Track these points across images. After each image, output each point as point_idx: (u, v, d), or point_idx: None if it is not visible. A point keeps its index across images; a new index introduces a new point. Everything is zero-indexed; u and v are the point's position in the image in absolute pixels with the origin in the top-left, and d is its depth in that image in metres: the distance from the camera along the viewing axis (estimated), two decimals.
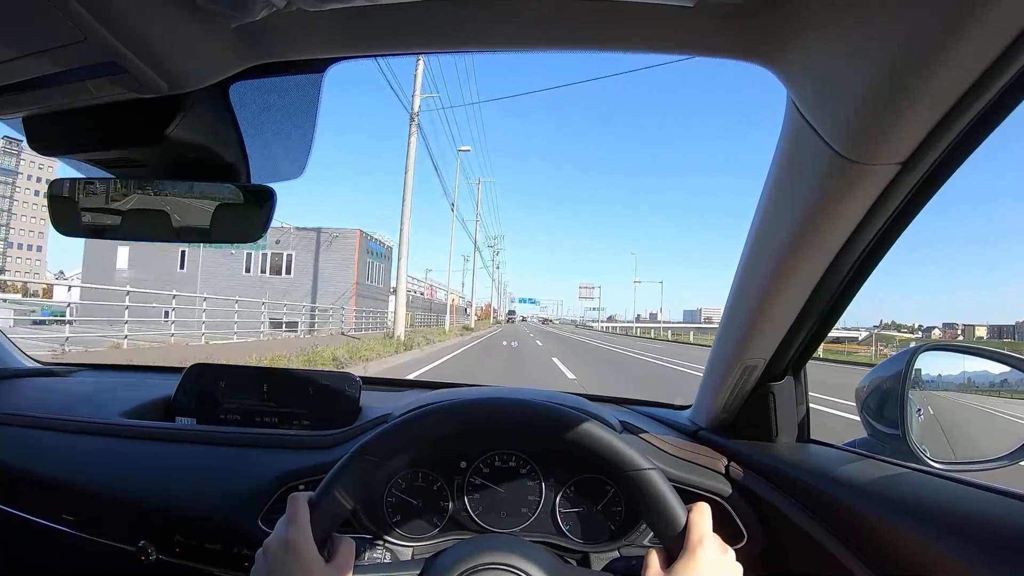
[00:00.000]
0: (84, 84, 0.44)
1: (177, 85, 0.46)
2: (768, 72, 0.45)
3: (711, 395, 0.81)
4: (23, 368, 1.12)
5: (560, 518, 0.76)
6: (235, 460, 0.81)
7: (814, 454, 0.73)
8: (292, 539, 0.51)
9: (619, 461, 0.56)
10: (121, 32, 0.39)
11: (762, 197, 0.58)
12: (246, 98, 0.54)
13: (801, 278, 0.60)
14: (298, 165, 0.62)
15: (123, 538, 0.79)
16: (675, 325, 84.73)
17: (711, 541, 0.51)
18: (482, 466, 0.77)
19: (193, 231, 0.60)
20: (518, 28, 0.43)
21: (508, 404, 0.63)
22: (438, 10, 0.42)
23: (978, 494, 0.53)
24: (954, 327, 78.47)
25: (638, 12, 0.40)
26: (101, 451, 0.85)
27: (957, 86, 0.37)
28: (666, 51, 0.44)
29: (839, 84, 0.41)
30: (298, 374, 0.99)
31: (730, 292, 0.70)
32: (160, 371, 1.26)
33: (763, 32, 0.41)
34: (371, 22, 0.44)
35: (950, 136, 0.41)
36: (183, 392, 0.97)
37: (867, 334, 33.34)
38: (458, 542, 0.63)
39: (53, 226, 0.62)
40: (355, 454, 0.56)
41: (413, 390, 1.17)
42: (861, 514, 0.58)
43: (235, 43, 0.44)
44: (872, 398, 0.73)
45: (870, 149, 0.44)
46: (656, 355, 16.32)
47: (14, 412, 0.91)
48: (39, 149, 0.54)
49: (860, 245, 0.55)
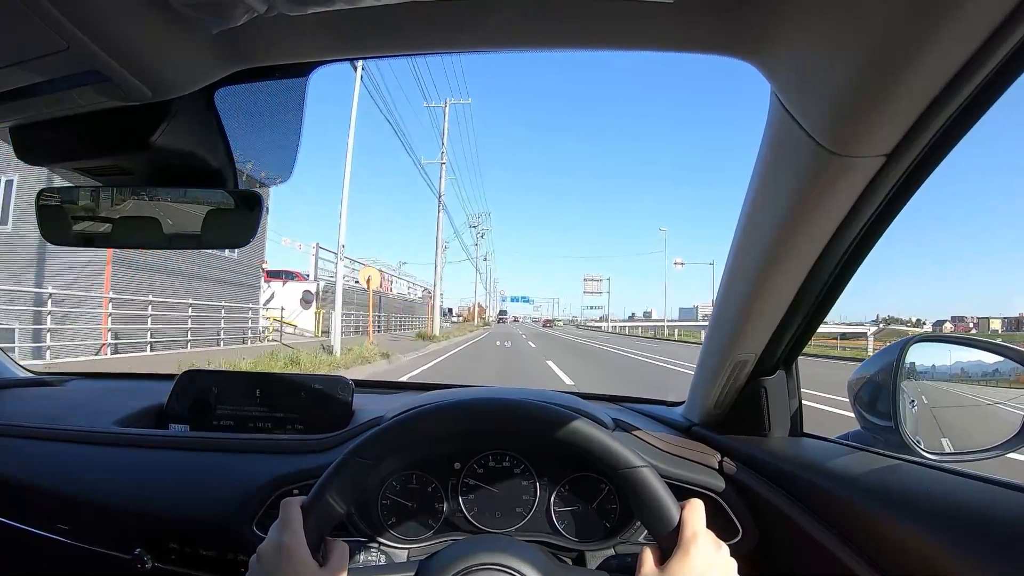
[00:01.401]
0: (68, 93, 0.45)
1: (161, 92, 0.46)
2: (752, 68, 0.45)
3: (703, 391, 0.81)
4: (15, 378, 1.12)
5: (555, 517, 0.76)
6: (229, 466, 0.81)
7: (807, 448, 0.73)
8: (285, 544, 0.51)
9: (612, 459, 0.56)
10: (103, 40, 0.39)
11: (748, 192, 0.59)
12: (231, 103, 0.54)
13: (790, 272, 0.60)
14: (285, 169, 0.62)
15: (118, 546, 0.79)
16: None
17: (705, 537, 0.51)
18: (476, 466, 0.77)
19: (183, 237, 0.60)
20: (499, 28, 0.43)
21: (500, 404, 0.63)
22: (417, 11, 0.42)
23: (972, 484, 0.53)
24: (964, 320, 77.12)
25: (619, 9, 0.40)
26: (95, 460, 0.85)
27: (940, 76, 0.37)
28: (648, 47, 0.44)
29: (822, 77, 0.41)
30: (290, 379, 0.99)
31: (719, 287, 0.70)
32: (152, 378, 1.26)
33: (744, 26, 0.41)
34: (353, 25, 0.44)
35: (935, 127, 0.42)
36: (176, 399, 0.98)
37: (876, 329, 32.79)
38: (453, 543, 0.63)
39: (42, 234, 0.62)
40: (347, 457, 0.56)
41: (406, 392, 1.17)
42: (855, 506, 0.58)
43: (218, 49, 0.44)
44: (864, 390, 0.73)
45: (854, 141, 0.44)
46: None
47: (7, 422, 0.91)
48: (27, 159, 0.54)
49: (848, 237, 0.55)
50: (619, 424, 0.84)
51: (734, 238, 0.64)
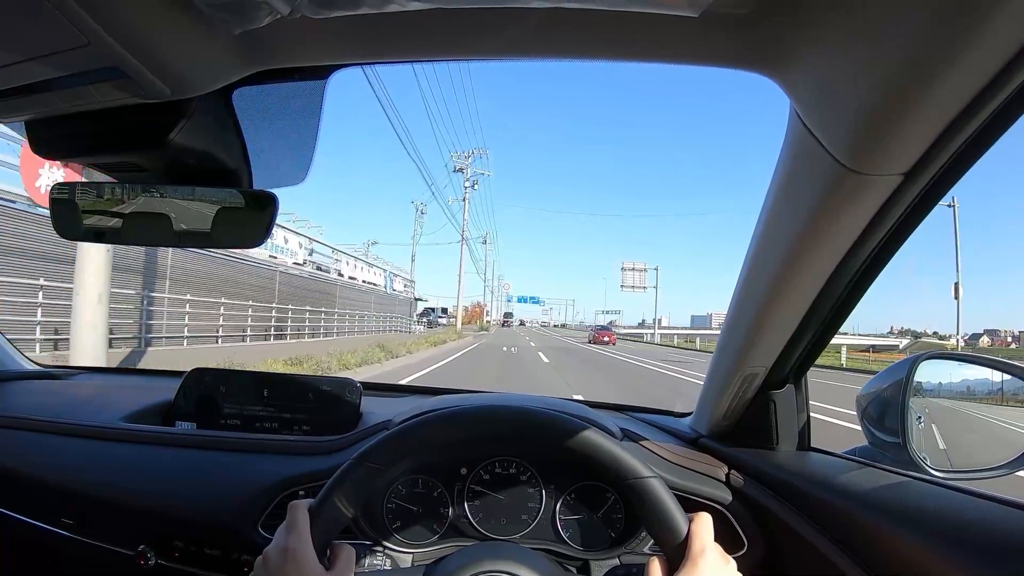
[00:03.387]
0: (87, 89, 0.44)
1: (180, 90, 0.46)
2: (771, 82, 0.45)
3: (712, 403, 0.80)
4: (22, 371, 1.12)
5: (560, 525, 0.76)
6: (235, 465, 0.81)
7: (815, 462, 0.73)
8: (292, 547, 0.50)
9: (620, 469, 0.55)
10: (125, 37, 0.39)
11: (765, 206, 0.58)
12: (249, 104, 0.54)
13: (803, 287, 0.60)
14: (300, 171, 0.62)
15: (122, 542, 0.79)
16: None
17: (713, 551, 0.51)
18: (482, 473, 0.77)
19: (194, 235, 0.60)
20: (522, 36, 0.43)
21: (509, 411, 0.62)
22: (441, 18, 0.42)
23: (979, 503, 0.53)
24: (999, 334, 73.25)
25: (643, 21, 0.40)
26: (101, 455, 0.85)
27: (961, 97, 0.37)
28: (670, 60, 0.44)
29: (842, 94, 0.41)
30: (298, 380, 0.99)
31: (732, 300, 0.70)
32: (160, 375, 1.26)
33: (767, 42, 0.41)
34: (375, 29, 0.44)
35: (954, 146, 0.41)
36: (183, 396, 0.97)
37: (907, 342, 31.72)
38: (459, 549, 0.63)
39: (55, 228, 0.62)
40: (355, 462, 0.56)
41: (414, 396, 1.16)
42: (862, 522, 0.58)
43: (239, 49, 0.44)
44: (873, 406, 0.73)
45: (873, 159, 0.44)
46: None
47: (13, 415, 0.91)
48: (42, 153, 0.54)
49: (862, 254, 0.55)
50: (627, 434, 0.84)
51: (748, 251, 0.64)
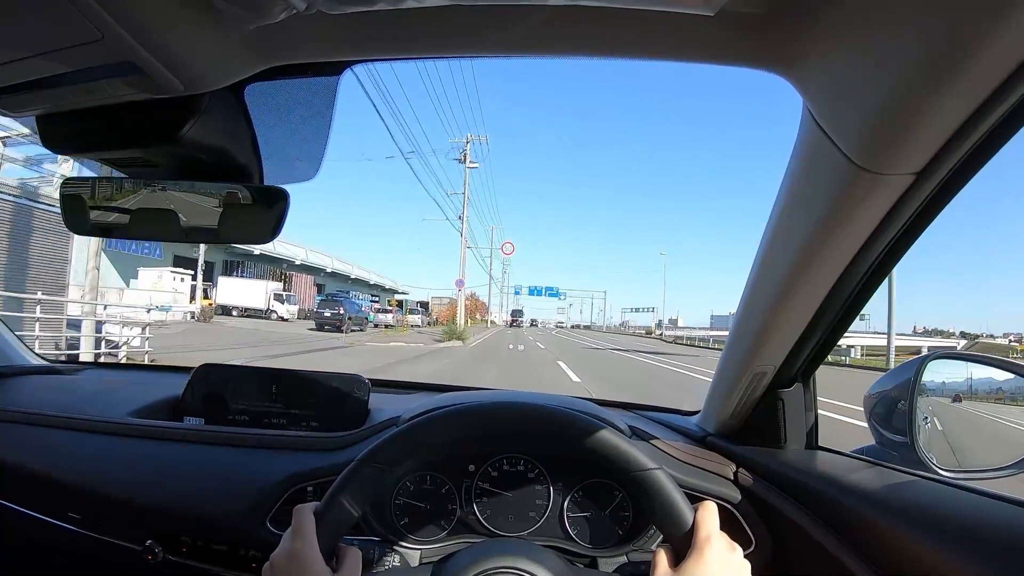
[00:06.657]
0: (100, 83, 0.44)
1: (193, 86, 0.46)
2: (784, 80, 0.45)
3: (720, 401, 0.81)
4: (29, 365, 1.13)
5: (568, 522, 0.76)
6: (243, 461, 0.81)
7: (822, 461, 0.73)
8: (298, 551, 0.50)
9: (625, 462, 0.56)
10: (139, 32, 0.39)
11: (776, 204, 0.58)
12: (261, 99, 0.54)
13: (813, 286, 0.60)
14: (312, 167, 0.62)
15: (130, 537, 0.79)
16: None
17: (719, 539, 0.51)
18: (490, 470, 0.77)
19: (203, 231, 0.60)
20: (537, 32, 0.43)
21: (516, 408, 0.62)
22: (456, 14, 0.42)
23: (986, 502, 0.53)
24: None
25: (659, 19, 0.40)
26: (109, 450, 0.85)
27: (974, 96, 0.37)
28: (685, 59, 0.44)
29: (855, 94, 0.41)
30: (307, 376, 0.99)
31: (742, 298, 0.70)
32: (167, 371, 1.26)
33: (782, 42, 0.41)
34: (388, 26, 0.44)
35: (966, 146, 0.41)
36: (191, 392, 0.98)
37: (965, 343, 30.06)
38: (467, 546, 0.63)
39: (64, 223, 0.62)
40: (360, 462, 0.56)
41: (422, 392, 1.16)
42: (869, 521, 0.58)
43: (252, 45, 0.44)
44: (880, 406, 0.73)
45: (885, 159, 0.44)
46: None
47: (22, 409, 0.91)
48: (53, 148, 0.54)
49: (873, 254, 0.55)
50: (635, 431, 0.84)
51: (758, 250, 0.64)
